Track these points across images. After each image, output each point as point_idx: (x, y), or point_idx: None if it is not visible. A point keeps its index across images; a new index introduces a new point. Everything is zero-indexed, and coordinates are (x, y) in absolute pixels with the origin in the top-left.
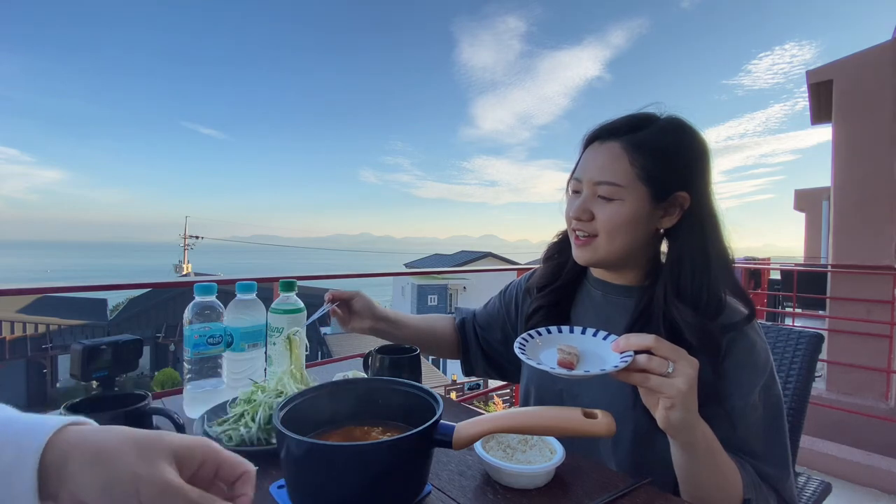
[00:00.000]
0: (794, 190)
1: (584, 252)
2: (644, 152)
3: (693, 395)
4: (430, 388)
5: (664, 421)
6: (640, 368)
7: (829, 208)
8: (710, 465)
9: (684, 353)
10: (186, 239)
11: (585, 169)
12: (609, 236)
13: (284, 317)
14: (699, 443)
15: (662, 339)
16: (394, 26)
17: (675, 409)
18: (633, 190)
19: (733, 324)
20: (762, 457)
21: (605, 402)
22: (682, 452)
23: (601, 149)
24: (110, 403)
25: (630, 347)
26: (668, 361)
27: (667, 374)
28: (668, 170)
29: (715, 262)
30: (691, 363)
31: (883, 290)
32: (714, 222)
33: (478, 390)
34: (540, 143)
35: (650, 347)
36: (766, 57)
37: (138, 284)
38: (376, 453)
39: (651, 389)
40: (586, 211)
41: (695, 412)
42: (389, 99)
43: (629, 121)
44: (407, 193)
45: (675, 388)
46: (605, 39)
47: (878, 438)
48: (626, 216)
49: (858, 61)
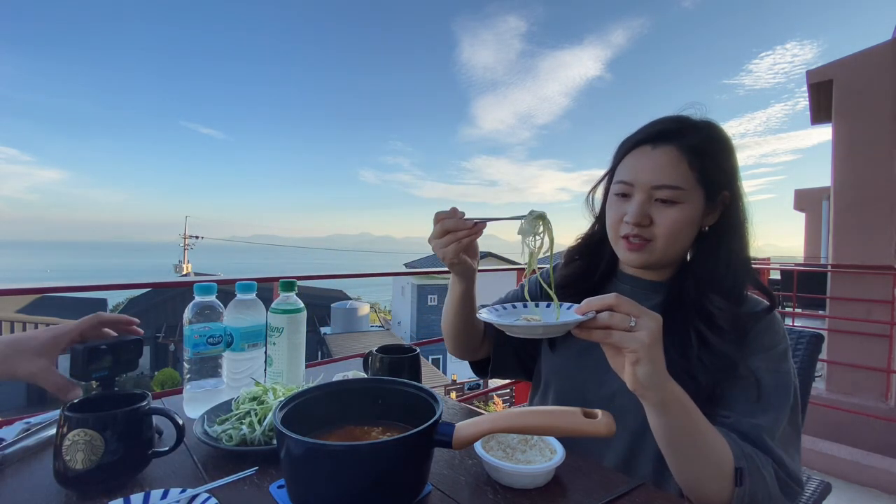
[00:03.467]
0: (794, 190)
1: (639, 255)
2: (700, 155)
3: (658, 349)
4: (430, 388)
5: (632, 378)
6: (602, 325)
7: (829, 208)
8: (689, 426)
9: (646, 309)
10: (186, 239)
11: (638, 172)
12: (668, 240)
13: (284, 317)
14: (671, 401)
15: (623, 296)
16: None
17: (640, 363)
18: (692, 193)
19: (757, 312)
20: (765, 427)
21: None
22: (657, 415)
23: (655, 153)
24: (110, 403)
25: (592, 308)
26: (629, 317)
27: (629, 328)
28: (718, 171)
29: (745, 255)
30: (654, 318)
31: (883, 290)
32: (745, 218)
33: (478, 390)
34: (540, 142)
35: (612, 305)
36: (768, 56)
37: (138, 284)
38: (376, 453)
39: (614, 345)
40: (646, 216)
41: (662, 367)
42: (390, 99)
43: (676, 123)
44: (407, 193)
45: (637, 342)
46: (606, 39)
47: (878, 438)
48: (687, 219)
49: (858, 61)
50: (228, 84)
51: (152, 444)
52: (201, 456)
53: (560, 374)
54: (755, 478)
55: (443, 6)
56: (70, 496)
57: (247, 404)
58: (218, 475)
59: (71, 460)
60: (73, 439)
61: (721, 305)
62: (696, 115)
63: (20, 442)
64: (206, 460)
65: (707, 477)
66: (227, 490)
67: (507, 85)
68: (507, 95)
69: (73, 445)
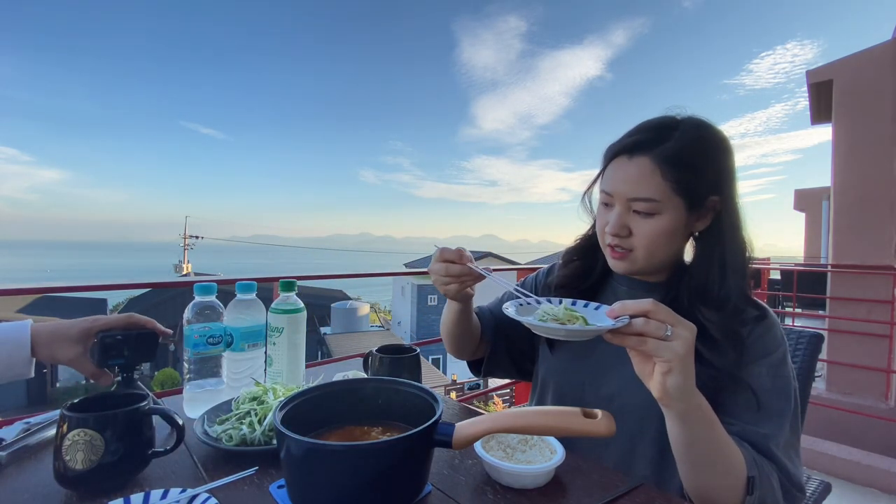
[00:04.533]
0: (795, 190)
1: (623, 264)
2: (675, 165)
3: (691, 359)
4: (430, 388)
5: (660, 388)
6: (636, 331)
7: (829, 208)
8: (709, 436)
9: (681, 318)
10: (186, 239)
11: (616, 184)
12: (648, 251)
13: (284, 317)
14: (695, 411)
15: (659, 302)
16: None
17: (672, 373)
18: (668, 203)
19: (753, 318)
20: (771, 436)
21: (629, 391)
22: (678, 424)
23: (630, 164)
24: (110, 403)
25: (626, 312)
26: (665, 325)
27: (665, 336)
28: (699, 178)
29: (740, 261)
30: (689, 328)
31: (883, 290)
32: (739, 222)
33: (478, 390)
34: (540, 142)
35: (647, 311)
36: (768, 56)
37: (138, 284)
38: (376, 453)
39: (647, 353)
40: (624, 227)
41: (692, 378)
42: (390, 99)
43: (653, 131)
44: (407, 193)
45: (672, 352)
46: (607, 39)
47: (878, 438)
48: (665, 229)
49: (858, 61)
50: (228, 84)
51: (152, 444)
52: (201, 456)
53: (558, 374)
54: (765, 486)
55: (443, 6)
56: (70, 496)
57: (247, 404)
58: (218, 475)
59: (71, 460)
60: (73, 439)
61: (711, 318)
62: (680, 114)
63: (20, 442)
64: (206, 460)
65: (721, 486)
66: (227, 490)
67: (507, 85)
68: (507, 95)
69: (73, 445)
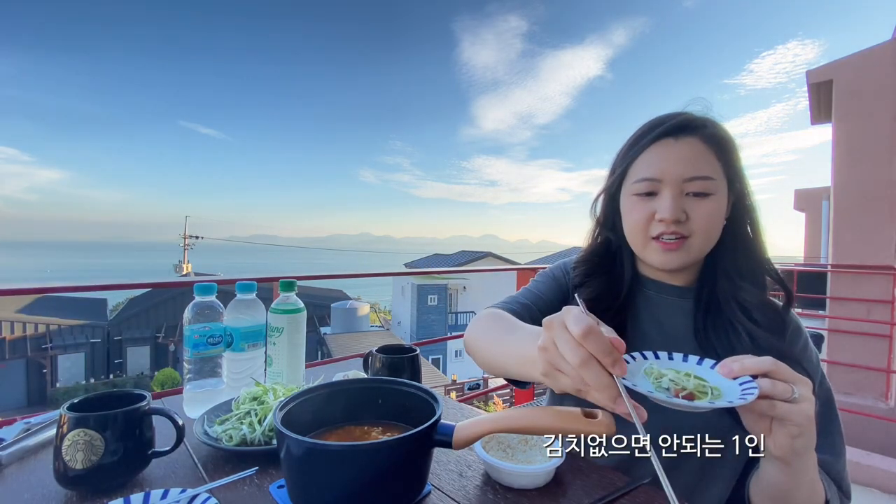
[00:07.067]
0: (794, 190)
1: (676, 256)
2: (721, 146)
3: (813, 418)
4: (430, 388)
5: (787, 450)
6: (764, 395)
7: (829, 208)
8: (811, 481)
9: (797, 374)
10: (186, 239)
11: (666, 164)
12: (705, 235)
13: (284, 317)
14: (810, 460)
15: (779, 361)
16: (395, 25)
17: (802, 437)
18: (720, 184)
19: (783, 306)
20: (822, 447)
21: (688, 421)
22: (785, 472)
23: (679, 144)
24: (110, 403)
25: (746, 371)
26: (790, 385)
27: (793, 399)
28: (734, 163)
29: (763, 245)
30: (807, 384)
31: (883, 290)
32: (756, 208)
33: (478, 390)
34: (541, 142)
35: (769, 371)
36: (769, 56)
37: (138, 284)
38: (376, 453)
39: (777, 418)
40: (683, 211)
41: (815, 435)
42: (390, 99)
43: (688, 118)
44: (407, 193)
45: (803, 415)
46: (607, 38)
47: (878, 438)
48: (719, 211)
49: (858, 61)
50: (228, 84)
51: (152, 444)
52: (201, 456)
53: None
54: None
55: (443, 6)
56: (70, 496)
57: (247, 404)
58: (218, 475)
59: (71, 460)
60: (73, 439)
61: (757, 296)
62: (699, 112)
63: (20, 442)
64: (206, 460)
65: None
66: (227, 490)
67: (507, 84)
68: (507, 95)
69: (73, 445)
